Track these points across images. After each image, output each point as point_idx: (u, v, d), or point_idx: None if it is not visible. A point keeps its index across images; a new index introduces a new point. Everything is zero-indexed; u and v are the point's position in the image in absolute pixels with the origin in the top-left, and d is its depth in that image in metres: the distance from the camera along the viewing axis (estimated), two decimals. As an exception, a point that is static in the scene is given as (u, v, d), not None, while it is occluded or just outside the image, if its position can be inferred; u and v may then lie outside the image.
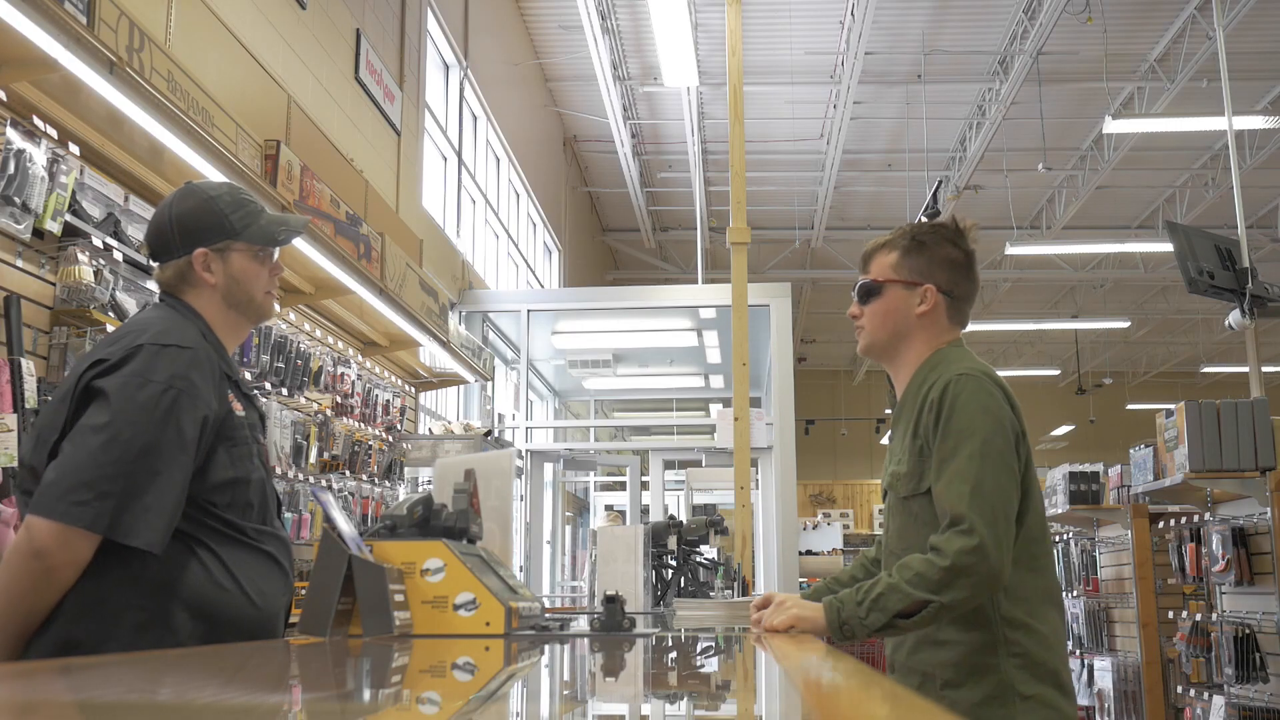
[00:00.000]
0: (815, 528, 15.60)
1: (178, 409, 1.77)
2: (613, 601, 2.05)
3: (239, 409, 1.91)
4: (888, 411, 2.36)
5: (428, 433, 6.47)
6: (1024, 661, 1.91)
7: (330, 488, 5.10)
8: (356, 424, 5.47)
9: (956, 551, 1.83)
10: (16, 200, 2.95)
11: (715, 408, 11.90)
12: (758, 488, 8.64)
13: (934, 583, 1.84)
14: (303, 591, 1.80)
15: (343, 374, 5.29)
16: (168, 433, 1.75)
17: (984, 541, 1.83)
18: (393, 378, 6.28)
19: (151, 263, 2.02)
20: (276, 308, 2.08)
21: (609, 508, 10.62)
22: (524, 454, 8.50)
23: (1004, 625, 1.92)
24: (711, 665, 1.67)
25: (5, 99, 3.03)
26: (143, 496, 1.71)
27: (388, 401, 5.93)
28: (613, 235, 17.16)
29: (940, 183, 11.36)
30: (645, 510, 9.00)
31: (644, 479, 9.27)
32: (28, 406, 2.80)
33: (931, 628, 1.93)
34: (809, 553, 13.89)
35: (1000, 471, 1.90)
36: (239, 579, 1.81)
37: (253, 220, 1.99)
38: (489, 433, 6.63)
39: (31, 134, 3.04)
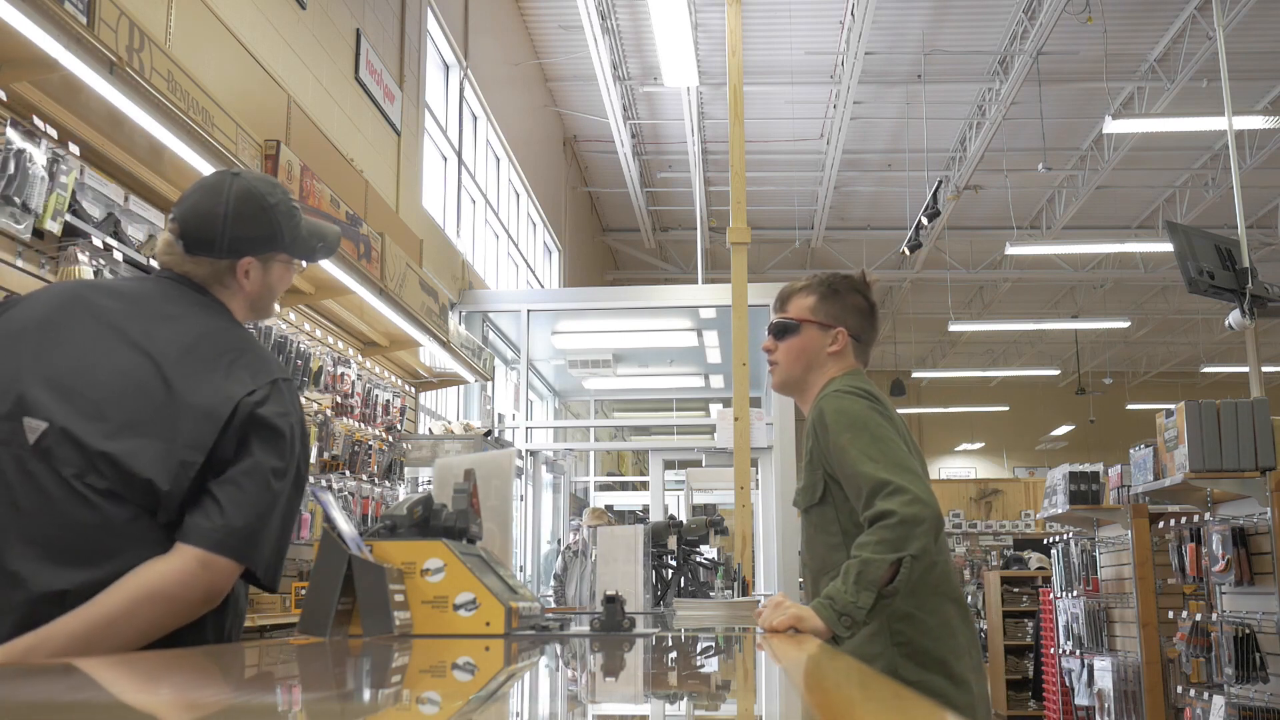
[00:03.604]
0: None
1: (305, 454, 1.75)
2: (613, 601, 2.05)
3: None
4: None
5: (428, 433, 6.47)
6: (909, 650, 2.10)
7: (330, 488, 5.10)
8: (356, 424, 5.47)
9: (900, 505, 1.99)
10: (16, 200, 2.95)
11: (715, 408, 11.90)
12: (758, 488, 8.64)
13: (896, 541, 1.97)
14: (303, 591, 1.81)
15: (343, 374, 5.29)
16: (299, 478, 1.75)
17: (914, 491, 2.01)
18: (393, 378, 6.28)
19: (178, 245, 1.80)
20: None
21: (609, 508, 10.63)
22: (524, 454, 8.50)
23: (890, 617, 2.08)
24: (711, 665, 1.67)
25: (5, 99, 3.03)
26: (277, 540, 1.69)
27: (388, 401, 5.93)
28: (613, 235, 17.17)
29: (940, 183, 11.37)
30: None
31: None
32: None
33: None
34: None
35: (886, 442, 2.11)
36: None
37: (297, 230, 1.88)
38: (489, 433, 6.63)
39: (31, 134, 3.04)
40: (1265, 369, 19.13)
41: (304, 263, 1.95)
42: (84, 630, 1.50)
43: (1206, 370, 21.82)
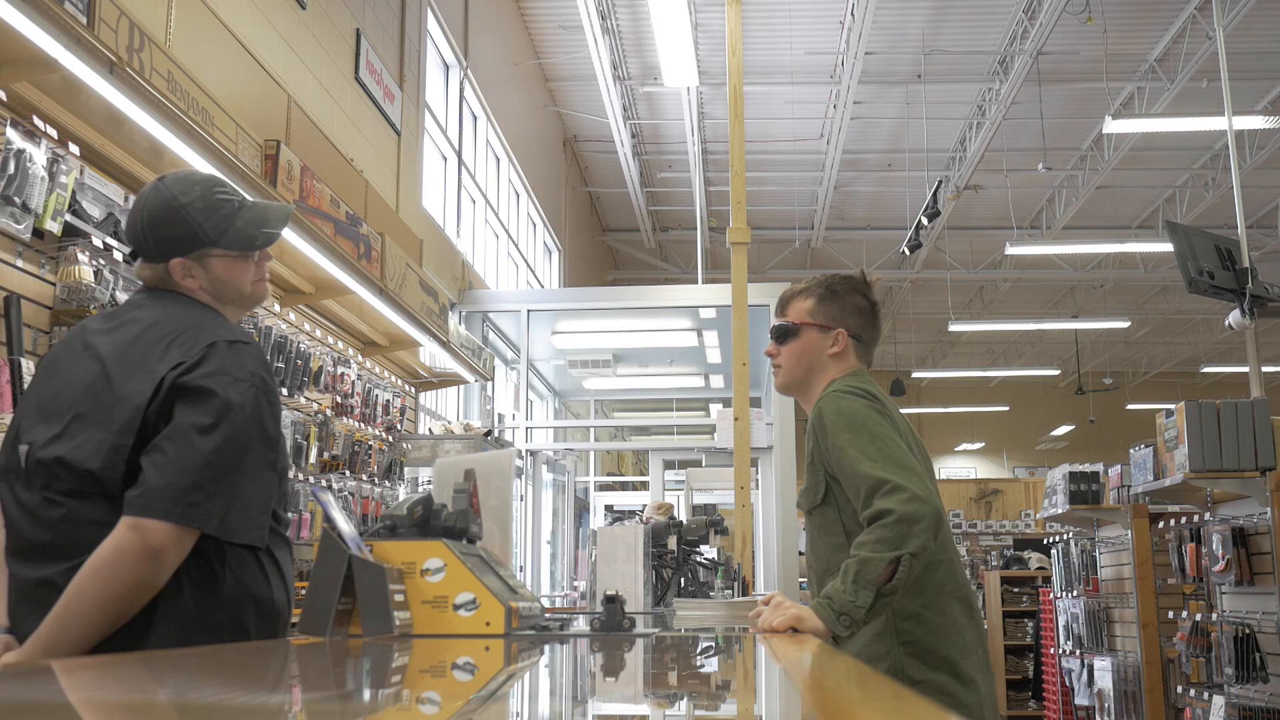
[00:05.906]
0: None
1: (260, 406, 1.79)
2: (613, 601, 2.05)
3: None
4: None
5: (428, 433, 6.47)
6: (915, 650, 2.09)
7: (330, 488, 5.10)
8: (356, 424, 5.47)
9: (898, 504, 1.99)
10: (16, 200, 2.95)
11: (715, 408, 11.90)
12: (758, 488, 8.64)
13: (894, 539, 1.96)
14: (303, 591, 1.82)
15: (343, 374, 5.29)
16: (255, 431, 1.77)
17: (912, 489, 2.01)
18: (393, 378, 6.28)
19: (129, 261, 2.03)
20: (269, 291, 2.05)
21: (609, 508, 10.62)
22: (524, 454, 8.49)
23: (896, 616, 2.09)
24: (711, 665, 1.67)
25: (5, 99, 3.03)
26: (243, 495, 1.73)
27: (388, 401, 5.93)
28: (613, 235, 17.16)
29: (940, 183, 11.37)
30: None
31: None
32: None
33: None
34: (809, 553, 13.87)
35: (885, 441, 2.11)
36: (282, 570, 1.88)
37: (229, 224, 1.90)
38: (489, 433, 6.63)
39: (31, 134, 3.04)
40: (1265, 369, 19.13)
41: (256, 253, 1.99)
42: (54, 615, 1.64)
43: (1206, 370, 21.82)
